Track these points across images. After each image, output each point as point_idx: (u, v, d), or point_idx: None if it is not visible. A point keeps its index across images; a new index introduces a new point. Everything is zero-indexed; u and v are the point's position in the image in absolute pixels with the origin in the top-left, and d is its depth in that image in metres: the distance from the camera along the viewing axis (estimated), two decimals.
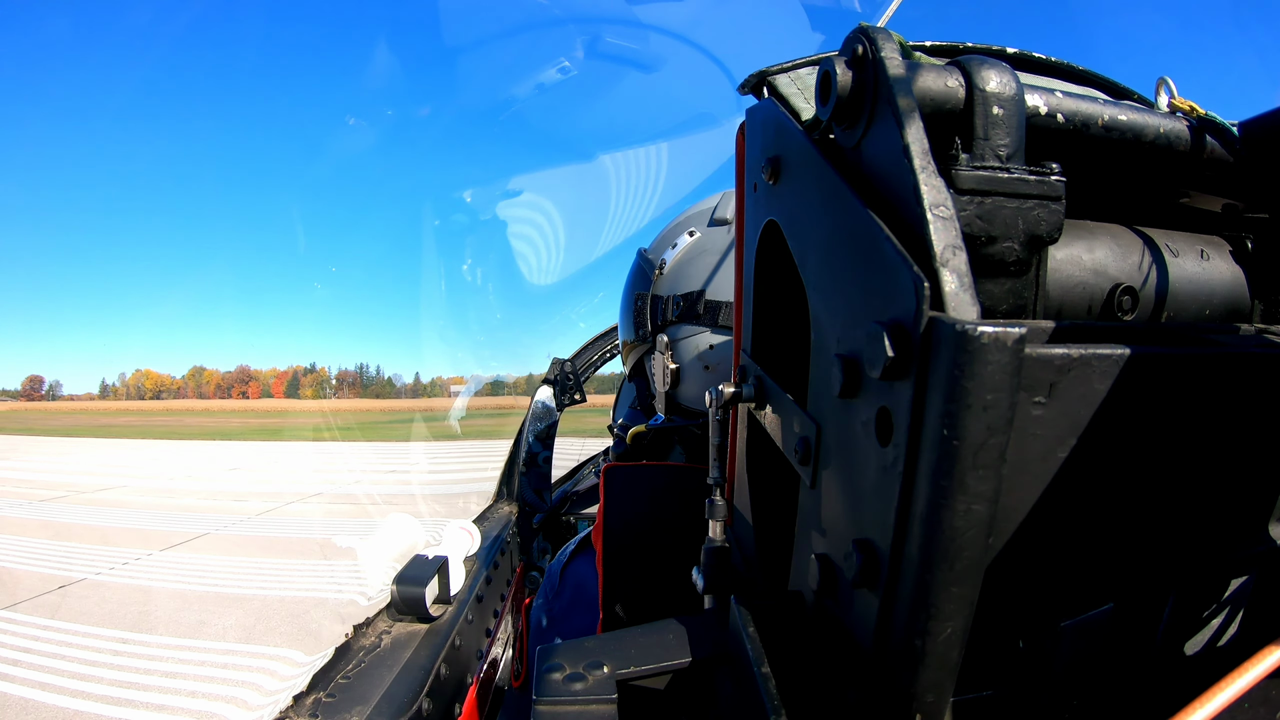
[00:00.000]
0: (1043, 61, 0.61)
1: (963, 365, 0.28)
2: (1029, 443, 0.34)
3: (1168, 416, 0.37)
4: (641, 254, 1.22)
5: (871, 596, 0.34)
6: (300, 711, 0.86)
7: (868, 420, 0.34)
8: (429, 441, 11.12)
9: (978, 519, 0.30)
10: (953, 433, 0.28)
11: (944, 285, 0.31)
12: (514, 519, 1.90)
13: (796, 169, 0.46)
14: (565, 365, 2.28)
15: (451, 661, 1.08)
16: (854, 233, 0.37)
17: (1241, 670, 0.33)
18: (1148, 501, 0.39)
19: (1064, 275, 0.45)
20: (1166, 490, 0.39)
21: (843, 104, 0.39)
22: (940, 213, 0.32)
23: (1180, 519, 0.41)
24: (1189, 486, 0.40)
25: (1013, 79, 0.40)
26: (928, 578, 0.31)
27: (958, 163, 0.38)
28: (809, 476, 0.43)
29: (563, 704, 0.43)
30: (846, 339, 0.38)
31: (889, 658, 0.34)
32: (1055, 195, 0.40)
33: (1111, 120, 0.45)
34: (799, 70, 0.54)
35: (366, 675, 0.95)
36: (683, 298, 1.09)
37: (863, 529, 0.35)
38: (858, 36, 0.39)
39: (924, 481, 0.30)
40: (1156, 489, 0.39)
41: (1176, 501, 0.40)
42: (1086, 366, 0.34)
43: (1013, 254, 0.40)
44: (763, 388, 0.54)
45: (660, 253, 1.16)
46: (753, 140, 0.56)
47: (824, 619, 0.41)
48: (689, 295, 1.08)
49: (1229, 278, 0.51)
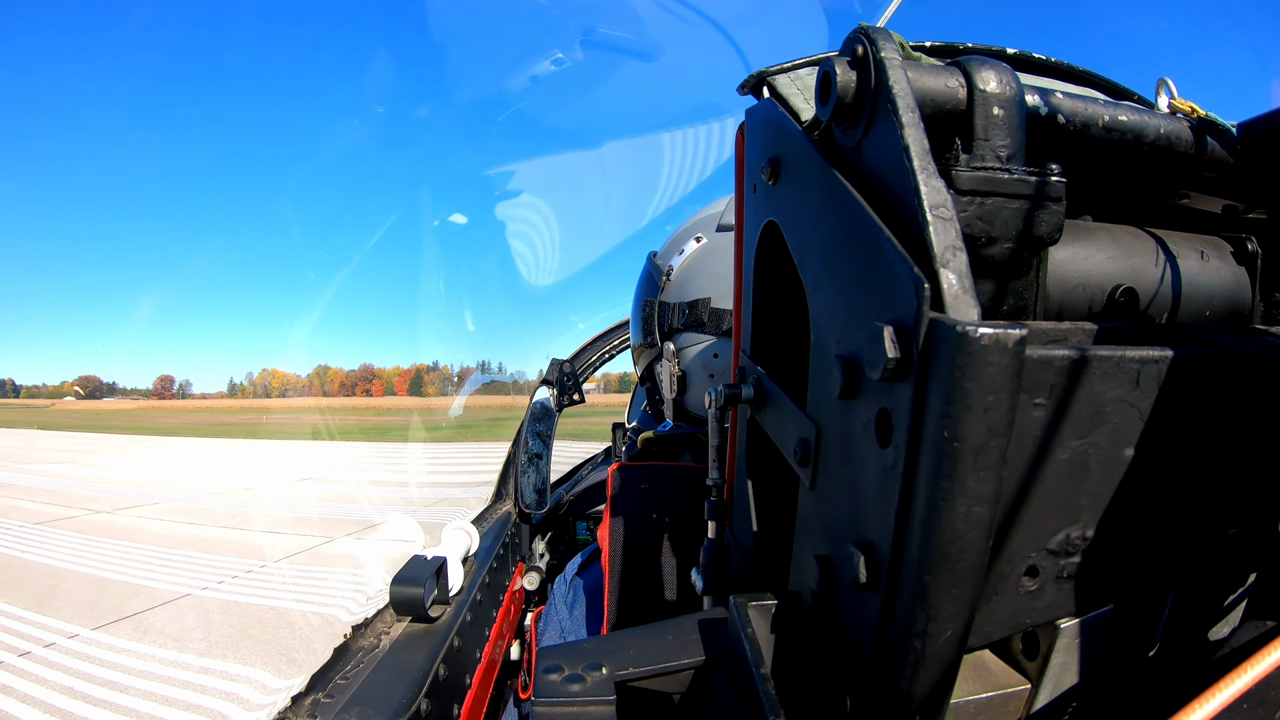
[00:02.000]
0: (1043, 62, 0.61)
1: (963, 366, 0.28)
2: (1029, 444, 0.34)
3: (1168, 418, 0.37)
4: (651, 259, 1.22)
5: (871, 598, 0.34)
6: (299, 712, 0.85)
7: (868, 421, 0.34)
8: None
9: (978, 521, 0.30)
10: (953, 434, 0.28)
11: (944, 286, 0.31)
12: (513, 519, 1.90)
13: (796, 169, 0.46)
14: (564, 366, 2.28)
15: (450, 662, 1.08)
16: (854, 233, 0.37)
17: (1241, 670, 0.33)
18: (1148, 502, 0.39)
19: (1064, 276, 0.45)
20: (1167, 491, 0.39)
21: (843, 104, 0.39)
22: (940, 213, 0.32)
23: (1181, 520, 0.41)
24: (1190, 487, 0.40)
25: (1013, 79, 0.40)
26: (927, 579, 0.31)
27: (958, 163, 0.38)
28: (809, 478, 0.43)
29: (561, 705, 0.43)
30: (846, 340, 0.37)
31: (888, 659, 0.34)
32: (1055, 196, 0.40)
33: (1112, 121, 0.45)
34: (798, 70, 0.53)
35: (365, 676, 0.95)
36: (688, 305, 1.09)
37: (862, 530, 0.35)
38: (858, 37, 0.39)
39: (924, 483, 0.30)
40: (1157, 489, 0.39)
41: (1177, 502, 0.40)
42: (1087, 368, 0.34)
43: (1013, 255, 0.40)
44: (762, 389, 0.54)
45: (669, 259, 1.17)
46: (752, 140, 0.56)
47: (824, 620, 0.41)
48: (694, 303, 1.08)
49: (1229, 278, 0.51)
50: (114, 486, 11.77)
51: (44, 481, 12.32)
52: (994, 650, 0.44)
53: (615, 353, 2.44)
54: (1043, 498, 0.35)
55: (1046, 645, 0.41)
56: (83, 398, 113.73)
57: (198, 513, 9.12)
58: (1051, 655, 0.41)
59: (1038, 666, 0.42)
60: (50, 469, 14.72)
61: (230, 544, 7.37)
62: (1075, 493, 0.36)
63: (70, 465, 15.61)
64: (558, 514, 2.30)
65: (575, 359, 2.37)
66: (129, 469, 14.86)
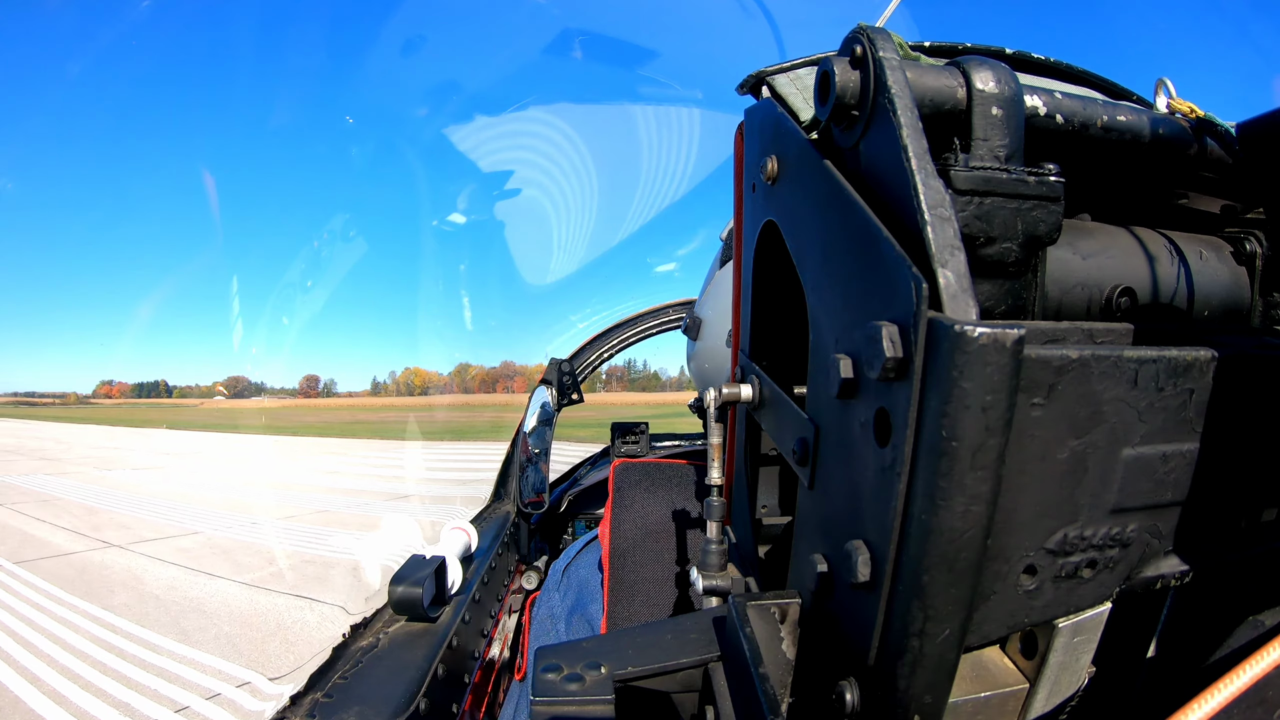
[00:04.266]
0: (1042, 62, 0.61)
1: (961, 366, 0.28)
2: (1027, 443, 0.34)
3: (1167, 417, 0.37)
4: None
5: (870, 597, 0.34)
6: (298, 712, 0.85)
7: (866, 421, 0.34)
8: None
9: (976, 520, 0.30)
10: (951, 433, 0.28)
11: (942, 286, 0.31)
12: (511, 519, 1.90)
13: (795, 169, 0.46)
14: (563, 366, 2.28)
15: (449, 661, 1.08)
16: (852, 233, 0.37)
17: (1240, 670, 0.33)
18: (1146, 501, 0.39)
19: (1063, 276, 0.45)
20: (1166, 490, 0.39)
21: (842, 104, 0.39)
22: (939, 213, 0.32)
23: (1180, 518, 0.41)
24: (1189, 486, 0.40)
25: (1012, 80, 0.40)
26: (926, 578, 0.31)
27: (956, 163, 0.38)
28: (807, 477, 0.43)
29: (560, 704, 0.43)
30: (845, 339, 0.37)
31: (887, 658, 0.34)
32: (1054, 196, 0.40)
33: (1110, 121, 0.45)
34: (797, 70, 0.54)
35: (364, 675, 0.95)
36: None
37: (861, 530, 0.35)
38: (857, 37, 0.39)
39: (922, 482, 0.30)
40: (1155, 489, 0.39)
41: (1176, 501, 0.40)
42: (1085, 367, 0.34)
43: (1011, 254, 0.40)
44: (761, 388, 0.54)
45: None
46: (751, 140, 0.56)
47: (822, 619, 0.41)
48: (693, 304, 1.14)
49: (1227, 278, 0.51)
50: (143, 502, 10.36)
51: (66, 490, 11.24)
52: (993, 650, 0.44)
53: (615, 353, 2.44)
54: (1041, 497, 0.35)
55: (1045, 644, 0.41)
56: (229, 397, 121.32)
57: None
58: (1050, 654, 0.41)
59: (1036, 666, 0.42)
60: (82, 471, 13.95)
61: None
62: (1073, 492, 0.36)
63: (105, 469, 14.59)
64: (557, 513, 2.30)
65: (574, 358, 2.37)
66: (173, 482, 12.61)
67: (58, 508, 9.48)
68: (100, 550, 7.05)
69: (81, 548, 7.15)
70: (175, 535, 7.80)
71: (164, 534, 7.85)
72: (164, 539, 7.62)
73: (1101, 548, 0.38)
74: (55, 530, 7.99)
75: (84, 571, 6.26)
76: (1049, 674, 0.41)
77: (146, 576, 6.13)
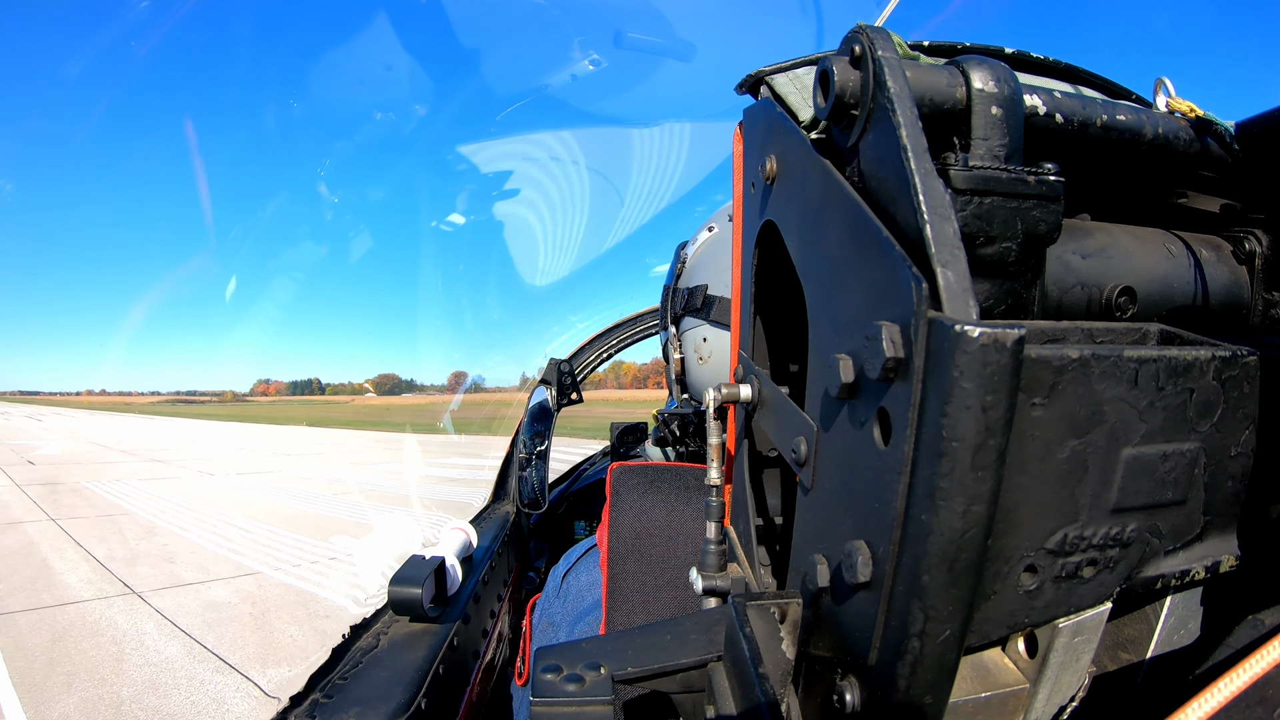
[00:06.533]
0: (1041, 62, 0.61)
1: (961, 366, 0.28)
2: (1028, 443, 0.34)
3: (1167, 417, 0.37)
4: (678, 248, 1.28)
5: (870, 597, 0.34)
6: (298, 712, 0.85)
7: (866, 421, 0.34)
8: None
9: (976, 520, 0.30)
10: (951, 433, 0.28)
11: (942, 285, 0.30)
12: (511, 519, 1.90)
13: (794, 169, 0.46)
14: (562, 366, 2.28)
15: (449, 661, 1.08)
16: (852, 233, 0.37)
17: (1240, 669, 0.33)
18: (1146, 501, 0.39)
19: (1062, 275, 0.45)
20: (1165, 489, 0.39)
21: (841, 104, 0.39)
22: (939, 213, 0.32)
23: (1179, 518, 0.41)
24: (1189, 486, 0.40)
25: (1011, 79, 0.40)
26: (926, 578, 0.31)
27: (956, 163, 0.38)
28: (807, 477, 0.43)
29: (560, 705, 0.43)
30: (844, 339, 0.37)
31: (887, 658, 0.34)
32: (1053, 195, 0.40)
33: (1110, 120, 0.45)
34: (796, 70, 0.53)
35: (364, 676, 0.95)
36: (689, 291, 1.14)
37: (861, 530, 0.35)
38: (856, 36, 0.39)
39: (923, 482, 0.30)
40: (1155, 488, 0.39)
41: (1176, 500, 0.40)
42: (1085, 367, 0.34)
43: (1011, 254, 0.40)
44: (760, 388, 0.54)
45: (687, 248, 1.23)
46: (750, 140, 0.55)
47: (822, 619, 0.41)
48: (695, 289, 1.13)
49: (1227, 277, 0.51)
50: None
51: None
52: (993, 650, 0.44)
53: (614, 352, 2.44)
54: (1041, 497, 0.35)
55: (1045, 645, 0.41)
56: (379, 394, 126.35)
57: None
58: (1050, 654, 0.41)
59: (1036, 666, 0.41)
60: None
61: None
62: (1073, 492, 0.36)
63: (209, 474, 12.96)
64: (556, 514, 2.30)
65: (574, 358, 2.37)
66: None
67: (115, 525, 8.12)
68: (102, 602, 5.18)
69: (89, 595, 5.34)
70: (231, 576, 5.96)
71: (212, 574, 6.01)
72: (207, 583, 5.77)
73: (1102, 548, 0.38)
74: (79, 564, 6.26)
75: (56, 641, 4.17)
76: (1049, 674, 0.41)
77: (125, 661, 3.93)
